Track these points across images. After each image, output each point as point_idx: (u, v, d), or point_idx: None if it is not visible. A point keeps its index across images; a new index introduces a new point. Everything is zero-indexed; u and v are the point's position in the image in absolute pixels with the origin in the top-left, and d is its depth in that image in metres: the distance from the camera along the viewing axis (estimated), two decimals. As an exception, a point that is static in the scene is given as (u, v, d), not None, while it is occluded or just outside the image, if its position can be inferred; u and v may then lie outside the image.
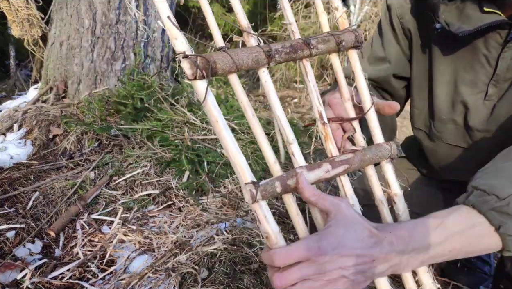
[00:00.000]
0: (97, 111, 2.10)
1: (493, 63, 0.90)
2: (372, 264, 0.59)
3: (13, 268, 1.18)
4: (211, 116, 0.59)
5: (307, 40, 0.70)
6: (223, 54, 0.61)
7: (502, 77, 0.90)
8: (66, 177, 1.70)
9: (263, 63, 0.65)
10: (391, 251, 0.60)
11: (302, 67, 0.72)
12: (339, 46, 0.73)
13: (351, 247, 0.58)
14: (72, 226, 1.45)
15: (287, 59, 0.68)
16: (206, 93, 0.58)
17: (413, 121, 1.12)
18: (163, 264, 1.18)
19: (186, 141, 1.85)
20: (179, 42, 0.58)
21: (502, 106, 0.92)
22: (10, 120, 2.11)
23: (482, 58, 0.91)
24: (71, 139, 1.96)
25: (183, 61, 0.58)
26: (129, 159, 1.78)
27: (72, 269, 1.23)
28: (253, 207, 0.61)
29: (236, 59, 0.62)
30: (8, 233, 1.34)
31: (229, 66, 0.62)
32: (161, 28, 2.52)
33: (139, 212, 1.54)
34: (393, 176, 0.74)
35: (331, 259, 0.56)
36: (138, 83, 2.23)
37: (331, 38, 0.72)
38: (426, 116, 1.06)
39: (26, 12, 2.35)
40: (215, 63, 0.60)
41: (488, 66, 0.91)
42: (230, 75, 0.63)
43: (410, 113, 1.13)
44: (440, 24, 0.89)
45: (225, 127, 0.59)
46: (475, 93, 0.94)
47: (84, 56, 2.30)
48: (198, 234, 1.35)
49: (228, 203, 1.62)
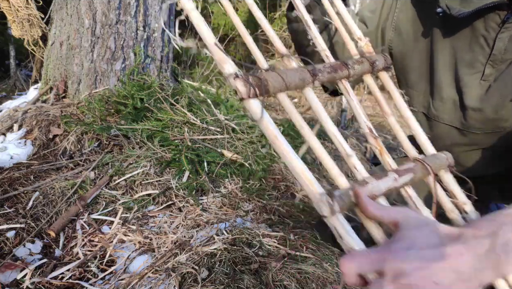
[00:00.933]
0: (97, 111, 2.10)
1: (491, 43, 0.93)
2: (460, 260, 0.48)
3: (13, 268, 1.18)
4: (269, 133, 0.60)
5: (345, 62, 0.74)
6: (273, 74, 0.64)
7: (499, 58, 0.93)
8: (66, 177, 1.70)
9: (309, 82, 0.68)
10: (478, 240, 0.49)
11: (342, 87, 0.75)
12: (372, 67, 0.78)
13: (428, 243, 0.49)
14: (72, 226, 1.45)
15: (329, 78, 0.72)
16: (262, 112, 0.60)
17: (414, 105, 1.13)
18: (163, 264, 1.18)
19: (186, 141, 1.85)
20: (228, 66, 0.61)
21: (497, 87, 0.95)
22: (10, 120, 2.11)
23: (481, 39, 0.93)
24: (71, 139, 1.96)
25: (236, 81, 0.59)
26: (129, 159, 1.78)
27: (72, 269, 1.23)
28: (331, 220, 0.56)
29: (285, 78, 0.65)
30: (8, 233, 1.34)
31: (280, 84, 0.64)
32: (161, 28, 2.52)
33: (139, 212, 1.54)
34: (457, 185, 0.71)
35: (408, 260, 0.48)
36: (138, 83, 2.23)
37: (364, 60, 0.78)
38: (425, 96, 1.09)
39: (26, 12, 2.35)
40: (266, 81, 0.63)
41: (486, 47, 0.94)
42: (280, 94, 0.65)
43: (409, 96, 1.14)
44: (441, 8, 0.92)
45: (285, 142, 0.59)
46: (473, 73, 0.97)
47: (84, 56, 2.30)
48: (198, 234, 1.35)
49: (228, 203, 1.62)
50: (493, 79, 0.95)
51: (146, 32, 2.44)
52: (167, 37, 2.59)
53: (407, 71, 1.12)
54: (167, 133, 1.94)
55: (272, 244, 1.28)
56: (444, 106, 1.05)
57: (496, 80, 0.95)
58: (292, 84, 0.65)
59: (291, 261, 1.17)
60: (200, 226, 1.43)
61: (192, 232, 1.37)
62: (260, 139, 2.07)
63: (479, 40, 0.94)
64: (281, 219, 1.51)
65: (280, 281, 1.08)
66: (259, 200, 1.65)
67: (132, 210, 1.54)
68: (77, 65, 2.32)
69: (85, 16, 2.26)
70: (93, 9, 2.27)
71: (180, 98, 2.27)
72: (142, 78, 2.31)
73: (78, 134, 1.98)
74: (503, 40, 0.91)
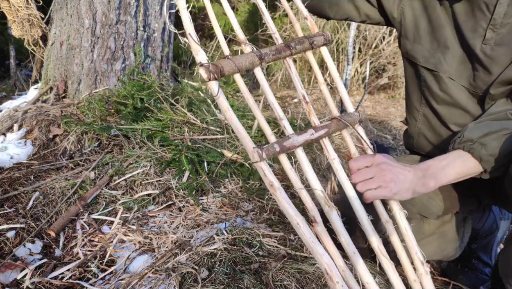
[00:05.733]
0: (97, 111, 2.10)
1: (491, 9, 1.01)
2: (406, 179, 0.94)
3: (13, 268, 1.18)
4: (222, 106, 0.83)
5: (287, 44, 0.96)
6: (227, 60, 0.86)
7: (499, 22, 1.01)
8: (66, 177, 1.70)
9: (257, 64, 0.90)
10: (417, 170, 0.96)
11: (286, 63, 0.98)
12: (312, 45, 1.00)
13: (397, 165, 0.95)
14: (72, 226, 1.45)
15: (274, 59, 0.94)
16: (218, 90, 0.82)
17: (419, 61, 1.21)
18: (163, 264, 1.18)
19: (186, 141, 1.85)
20: (200, 55, 0.83)
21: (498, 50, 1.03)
22: (10, 120, 2.11)
23: (483, 5, 1.02)
24: (71, 139, 1.96)
25: (200, 69, 0.81)
26: (129, 159, 1.78)
27: (72, 269, 1.23)
28: (259, 164, 0.82)
29: (237, 63, 0.87)
30: (8, 233, 1.34)
31: (233, 68, 0.86)
32: (161, 28, 2.52)
33: (139, 212, 1.54)
34: (364, 133, 1.01)
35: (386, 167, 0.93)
36: (138, 83, 2.23)
37: (305, 40, 0.99)
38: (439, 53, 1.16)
39: (26, 12, 2.35)
40: (222, 67, 0.85)
41: (487, 12, 1.02)
42: (235, 74, 0.88)
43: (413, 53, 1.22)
44: None
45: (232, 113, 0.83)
46: (475, 37, 1.05)
47: (84, 56, 2.30)
48: (198, 234, 1.35)
49: (228, 203, 1.62)
50: (493, 43, 1.03)
51: (146, 32, 2.44)
52: (167, 37, 2.59)
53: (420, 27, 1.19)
54: (167, 133, 1.94)
55: (272, 244, 1.28)
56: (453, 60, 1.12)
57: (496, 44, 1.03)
58: (242, 67, 0.88)
59: (291, 261, 1.17)
60: (200, 226, 1.43)
61: (192, 232, 1.37)
62: (260, 139, 2.07)
63: (481, 6, 1.02)
64: (281, 219, 1.50)
65: (280, 281, 1.07)
66: (259, 200, 1.65)
67: (132, 210, 1.54)
68: (77, 65, 2.32)
69: (85, 16, 2.27)
70: (93, 9, 2.27)
71: (180, 98, 2.27)
72: (142, 78, 2.31)
73: (78, 134, 1.98)
74: (503, 5, 0.99)
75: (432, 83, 1.17)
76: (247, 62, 0.87)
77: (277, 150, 0.83)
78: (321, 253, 0.78)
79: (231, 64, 0.85)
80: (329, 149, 0.93)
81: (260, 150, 0.80)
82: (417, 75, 1.22)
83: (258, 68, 0.90)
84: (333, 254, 0.81)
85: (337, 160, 0.94)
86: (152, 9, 2.46)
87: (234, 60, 0.85)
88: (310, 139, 0.89)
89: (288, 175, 0.87)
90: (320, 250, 0.78)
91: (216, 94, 0.81)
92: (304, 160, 0.88)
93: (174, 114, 2.05)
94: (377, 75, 5.23)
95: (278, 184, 0.83)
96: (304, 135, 0.88)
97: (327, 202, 0.87)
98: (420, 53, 1.18)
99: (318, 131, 0.90)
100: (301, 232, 0.80)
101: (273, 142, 0.84)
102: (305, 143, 0.88)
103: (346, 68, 3.40)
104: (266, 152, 0.81)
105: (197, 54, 0.82)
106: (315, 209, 0.85)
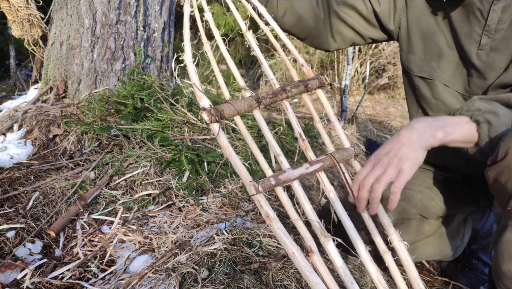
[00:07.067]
0: (97, 111, 2.10)
1: (485, 15, 1.03)
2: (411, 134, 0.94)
3: (13, 268, 1.18)
4: (223, 144, 0.91)
5: (283, 87, 1.03)
6: (228, 105, 0.95)
7: (493, 28, 1.03)
8: (66, 177, 1.70)
9: (255, 106, 0.98)
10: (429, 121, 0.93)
11: (283, 106, 1.04)
12: (307, 88, 1.07)
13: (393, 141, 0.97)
14: (72, 226, 1.45)
15: (271, 102, 1.01)
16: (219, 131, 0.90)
17: (414, 71, 1.23)
18: (163, 264, 1.18)
19: (186, 141, 1.85)
20: (204, 101, 0.93)
21: (493, 56, 1.05)
22: (10, 120, 2.11)
23: (477, 11, 1.04)
24: (71, 139, 1.96)
25: (203, 113, 0.91)
26: (129, 159, 1.78)
27: (72, 269, 1.23)
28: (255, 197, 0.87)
29: (236, 107, 0.95)
30: (8, 233, 1.34)
31: (233, 112, 0.95)
32: (161, 28, 2.52)
33: (139, 212, 1.54)
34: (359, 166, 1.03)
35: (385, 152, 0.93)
36: (138, 83, 2.23)
37: (300, 84, 1.06)
38: (433, 61, 1.18)
39: (26, 12, 2.34)
40: (223, 111, 0.93)
41: (481, 18, 1.04)
42: (236, 117, 0.96)
43: (408, 64, 1.24)
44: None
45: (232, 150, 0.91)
46: (471, 43, 1.07)
47: (84, 56, 2.30)
48: (198, 234, 1.35)
49: (228, 203, 1.62)
50: (489, 49, 1.04)
51: (146, 32, 2.44)
52: (167, 37, 2.59)
53: (412, 38, 1.21)
54: (167, 133, 1.94)
55: (272, 244, 1.28)
56: (448, 66, 1.14)
57: (492, 50, 1.04)
58: (242, 110, 0.96)
59: (291, 261, 1.17)
60: (200, 226, 1.43)
61: (192, 232, 1.37)
62: (260, 140, 2.07)
63: (475, 13, 1.04)
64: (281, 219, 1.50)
65: (280, 281, 1.07)
66: (259, 200, 1.65)
67: (132, 210, 1.54)
68: (77, 65, 2.32)
69: (85, 16, 2.26)
70: (93, 9, 2.27)
71: (180, 98, 2.26)
72: (142, 78, 2.31)
73: (78, 134, 1.98)
74: (496, 11, 1.01)
75: (425, 91, 1.18)
76: (245, 105, 0.96)
77: (273, 183, 0.89)
78: (317, 282, 0.80)
79: (230, 108, 0.93)
80: (325, 182, 0.97)
81: (256, 183, 0.86)
82: (411, 85, 1.24)
83: (257, 110, 0.98)
84: (329, 283, 0.83)
85: (333, 192, 0.97)
86: (152, 9, 2.46)
87: (233, 104, 0.94)
88: (305, 173, 0.94)
89: (285, 206, 0.92)
90: (315, 280, 0.80)
91: (217, 134, 0.89)
92: (300, 192, 0.93)
93: (174, 114, 2.05)
94: (377, 75, 5.24)
95: (274, 214, 0.88)
96: (299, 169, 0.93)
97: (323, 232, 0.89)
98: (414, 63, 1.20)
99: (313, 166, 0.95)
100: (297, 261, 0.83)
101: (269, 176, 0.89)
102: (300, 177, 0.93)
103: (346, 68, 3.40)
104: (262, 185, 0.87)
105: (201, 100, 0.91)
106: (311, 239, 0.88)
